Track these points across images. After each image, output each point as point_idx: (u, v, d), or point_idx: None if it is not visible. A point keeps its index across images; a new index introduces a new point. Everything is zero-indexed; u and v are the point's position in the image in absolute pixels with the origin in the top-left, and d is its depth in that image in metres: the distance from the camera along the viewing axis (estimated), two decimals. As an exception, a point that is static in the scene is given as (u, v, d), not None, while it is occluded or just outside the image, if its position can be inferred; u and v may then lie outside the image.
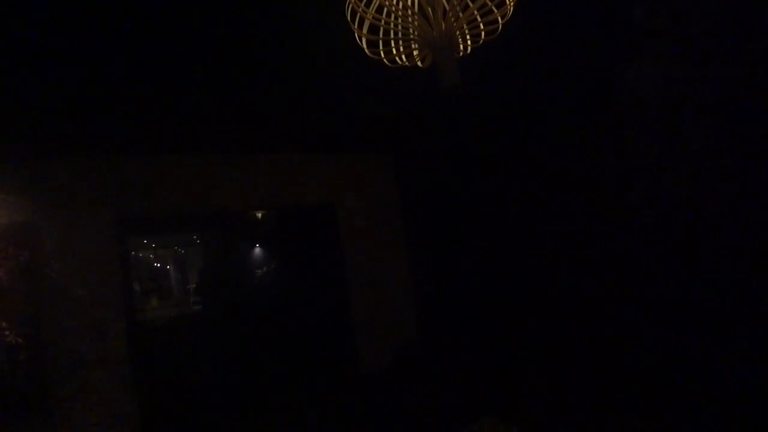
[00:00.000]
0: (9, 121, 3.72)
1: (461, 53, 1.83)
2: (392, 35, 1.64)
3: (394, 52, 1.69)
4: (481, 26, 1.66)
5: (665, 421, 2.94)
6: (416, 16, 1.47)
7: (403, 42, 1.67)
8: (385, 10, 1.49)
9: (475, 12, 1.55)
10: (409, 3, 1.47)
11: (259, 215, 8.15)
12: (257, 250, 12.00)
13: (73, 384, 4.22)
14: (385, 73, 3.08)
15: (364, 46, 1.70)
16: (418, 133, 5.39)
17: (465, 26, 1.60)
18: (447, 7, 1.50)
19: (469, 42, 1.86)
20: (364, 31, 1.64)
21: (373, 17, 1.52)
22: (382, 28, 1.65)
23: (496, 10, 1.53)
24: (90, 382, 4.24)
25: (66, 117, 3.87)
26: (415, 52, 1.70)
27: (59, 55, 2.69)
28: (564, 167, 3.98)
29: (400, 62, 1.72)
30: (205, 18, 2.41)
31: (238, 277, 11.91)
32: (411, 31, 1.57)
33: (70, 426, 4.17)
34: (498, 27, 1.80)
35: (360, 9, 1.51)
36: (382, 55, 1.72)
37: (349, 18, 1.61)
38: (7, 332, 4.09)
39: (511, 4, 1.54)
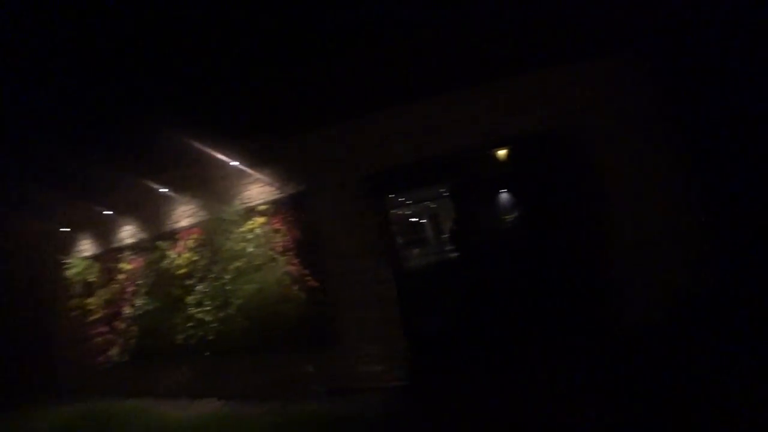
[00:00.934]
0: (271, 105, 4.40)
1: None
2: None
3: None
4: None
5: None
6: None
7: None
8: None
9: None
10: None
11: (502, 154, 7.63)
12: (504, 195, 11.63)
13: (353, 322, 4.82)
14: None
15: None
16: (678, 29, 3.78)
17: None
18: None
19: None
20: None
21: None
22: None
23: None
24: (366, 321, 4.76)
25: (311, 85, 4.29)
26: None
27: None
28: None
29: None
30: None
31: (486, 224, 11.89)
32: None
33: (355, 355, 4.81)
34: None
35: None
36: None
37: None
38: (308, 278, 5.00)
39: None
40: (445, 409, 3.90)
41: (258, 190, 5.42)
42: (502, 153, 7.72)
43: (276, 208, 5.24)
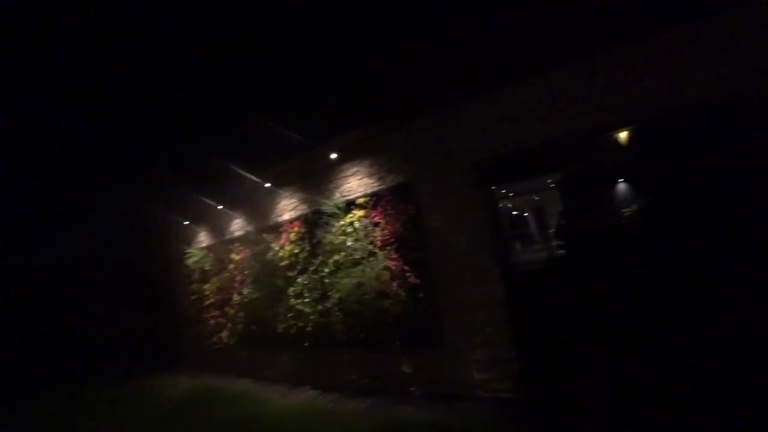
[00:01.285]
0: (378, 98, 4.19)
1: None
2: None
3: None
4: None
5: None
6: None
7: None
8: None
9: None
10: None
11: (622, 137, 6.65)
12: (622, 184, 10.34)
13: (458, 323, 4.42)
14: None
15: None
16: None
17: None
18: None
19: None
20: None
21: None
22: None
23: None
24: (472, 323, 4.34)
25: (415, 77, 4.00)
26: None
27: None
28: None
29: None
30: None
31: (600, 218, 10.71)
32: None
33: (457, 360, 4.41)
34: None
35: None
36: None
37: None
38: (408, 274, 4.73)
39: None
40: (557, 430, 3.38)
41: (358, 182, 5.28)
42: (622, 135, 6.72)
43: (376, 200, 5.06)
